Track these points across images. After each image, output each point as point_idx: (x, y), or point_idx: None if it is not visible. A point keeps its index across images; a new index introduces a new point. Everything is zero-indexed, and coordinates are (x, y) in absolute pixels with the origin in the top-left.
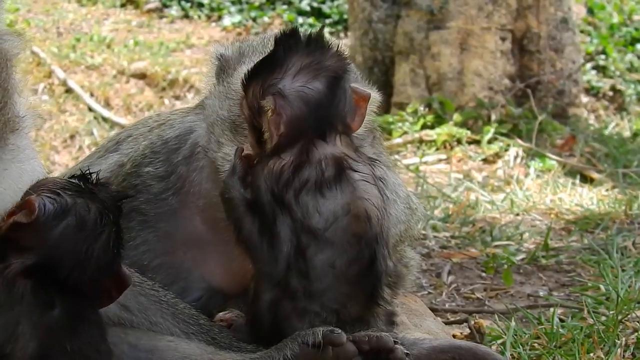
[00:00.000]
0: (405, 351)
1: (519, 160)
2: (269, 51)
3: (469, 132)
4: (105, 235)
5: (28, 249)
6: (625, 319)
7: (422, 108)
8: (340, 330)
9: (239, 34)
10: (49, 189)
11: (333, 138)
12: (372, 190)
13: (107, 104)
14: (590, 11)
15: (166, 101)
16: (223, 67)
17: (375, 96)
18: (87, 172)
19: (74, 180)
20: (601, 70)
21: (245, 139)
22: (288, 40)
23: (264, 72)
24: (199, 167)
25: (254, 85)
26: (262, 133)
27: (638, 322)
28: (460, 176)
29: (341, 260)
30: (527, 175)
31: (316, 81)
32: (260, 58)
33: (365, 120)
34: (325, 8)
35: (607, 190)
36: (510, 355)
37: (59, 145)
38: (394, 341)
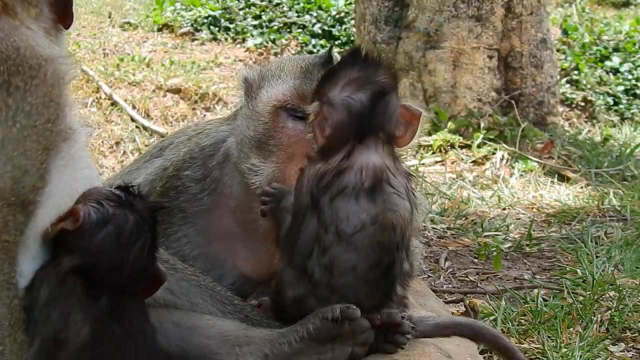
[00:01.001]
0: (412, 325)
1: (504, 162)
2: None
3: (461, 138)
4: (140, 243)
5: (76, 250)
6: (600, 298)
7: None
8: (355, 307)
9: (260, 53)
10: (94, 199)
11: (375, 145)
12: (402, 203)
13: (147, 115)
14: (565, 32)
15: (198, 112)
16: (248, 90)
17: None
18: (129, 184)
19: (117, 192)
20: (574, 83)
21: (268, 155)
22: (346, 57)
23: (320, 84)
24: (231, 172)
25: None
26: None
27: (611, 301)
28: (454, 176)
29: (363, 264)
30: (511, 175)
31: (360, 93)
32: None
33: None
34: (334, 31)
35: (581, 187)
36: (501, 329)
37: (106, 150)
38: (402, 317)
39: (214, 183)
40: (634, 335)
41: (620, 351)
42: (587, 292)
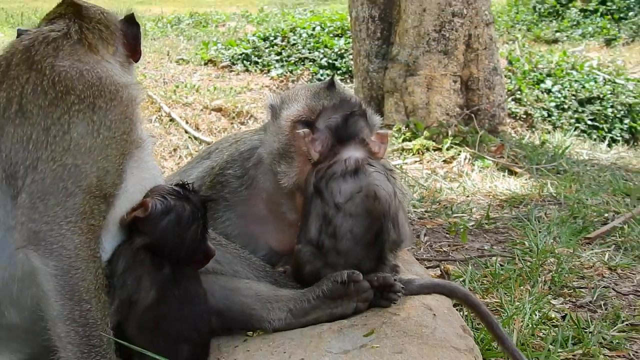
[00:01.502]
0: (402, 286)
1: (467, 160)
2: (295, 101)
3: (434, 143)
4: (194, 226)
5: (145, 232)
6: (544, 264)
7: (403, 128)
8: (358, 272)
9: (281, 81)
10: (159, 193)
11: (354, 146)
12: (383, 179)
13: (197, 128)
14: (510, 62)
15: (235, 126)
16: (272, 112)
17: (390, 133)
18: (186, 182)
19: (176, 188)
20: (518, 101)
21: (291, 161)
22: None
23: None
24: (263, 172)
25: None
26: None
27: (552, 266)
28: (429, 172)
29: (357, 228)
30: (472, 170)
31: (336, 116)
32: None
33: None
34: (337, 64)
35: (526, 179)
36: (469, 288)
37: (166, 155)
38: (394, 279)
39: (250, 179)
40: (570, 291)
41: (560, 304)
42: (533, 259)
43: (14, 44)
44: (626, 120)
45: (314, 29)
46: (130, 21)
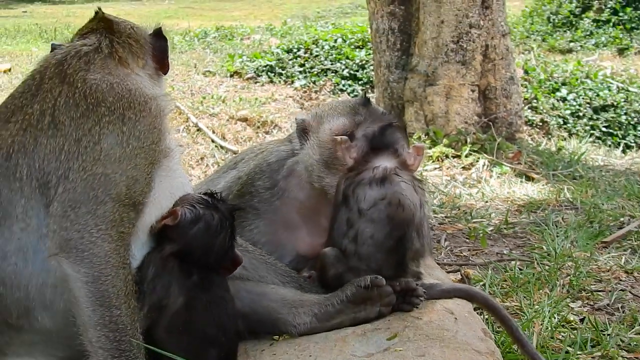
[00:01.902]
0: (424, 290)
1: (485, 167)
2: (335, 114)
3: (453, 150)
4: (223, 234)
5: (175, 240)
6: (561, 267)
7: (423, 136)
8: (381, 277)
9: (305, 92)
10: (188, 202)
11: (387, 157)
12: (409, 189)
13: (223, 138)
14: (526, 72)
15: (260, 135)
16: (305, 128)
17: (426, 146)
18: (214, 191)
19: (205, 197)
20: (534, 109)
21: (335, 172)
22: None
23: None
24: (294, 183)
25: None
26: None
27: (570, 269)
28: (449, 178)
29: (378, 234)
30: (491, 176)
31: (373, 126)
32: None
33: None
34: (358, 74)
35: (543, 185)
36: (488, 292)
37: (193, 164)
38: (416, 284)
39: (281, 191)
40: (587, 294)
41: (578, 307)
42: (552, 263)
43: (48, 58)
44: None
45: (335, 41)
46: (159, 35)
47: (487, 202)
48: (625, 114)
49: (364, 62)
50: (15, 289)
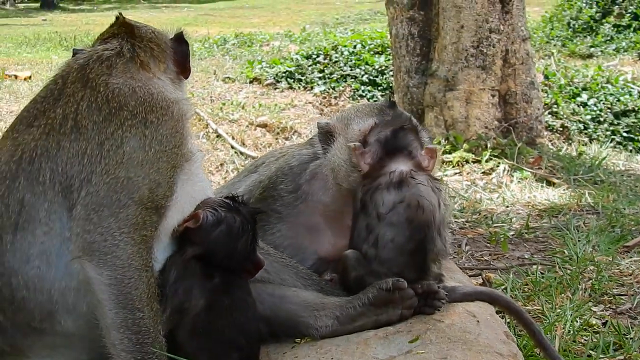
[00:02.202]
0: (445, 293)
1: (506, 172)
2: (363, 115)
3: (473, 155)
4: (245, 237)
5: (197, 243)
6: (583, 271)
7: (443, 141)
8: (403, 280)
9: (324, 97)
10: (210, 205)
11: (403, 159)
12: (427, 190)
13: (243, 144)
14: (547, 77)
15: (279, 141)
16: (330, 131)
17: (440, 148)
18: (236, 195)
19: (227, 200)
20: (554, 114)
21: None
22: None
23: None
24: (318, 186)
25: None
26: None
27: (591, 273)
28: (469, 183)
29: (399, 237)
30: (511, 181)
31: (386, 130)
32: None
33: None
34: (378, 80)
35: (564, 190)
36: (510, 296)
37: (213, 170)
38: (438, 287)
39: (304, 194)
40: (609, 298)
41: (600, 311)
42: (573, 267)
43: (70, 63)
44: None
45: (355, 46)
46: (180, 39)
47: (507, 206)
48: None
49: (383, 67)
50: (38, 292)
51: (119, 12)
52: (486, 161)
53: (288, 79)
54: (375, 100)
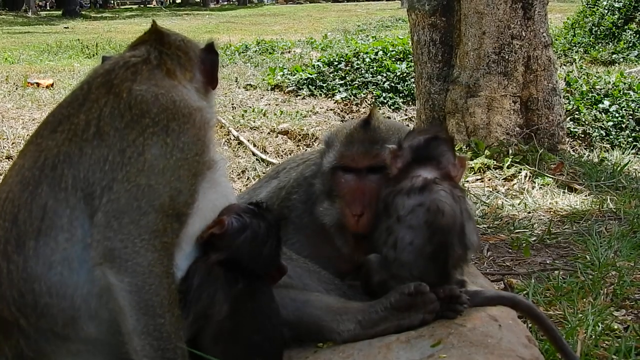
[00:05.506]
0: (467, 297)
1: (527, 178)
2: (336, 141)
3: (495, 162)
4: (269, 243)
5: (221, 249)
6: (605, 277)
7: (464, 147)
8: (425, 284)
9: (346, 104)
10: (235, 211)
11: (430, 168)
12: (448, 197)
13: (264, 151)
14: (568, 84)
15: (301, 148)
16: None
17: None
18: (260, 201)
19: (251, 206)
20: (576, 121)
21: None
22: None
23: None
24: None
25: None
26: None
27: (613, 278)
28: (491, 189)
29: (418, 240)
30: (533, 187)
31: (419, 138)
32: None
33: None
34: (399, 87)
35: (585, 196)
36: (532, 301)
37: (234, 177)
38: (460, 291)
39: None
40: (632, 303)
41: (622, 316)
42: (595, 272)
43: (97, 69)
44: None
45: (376, 53)
46: (210, 50)
47: (529, 212)
48: None
49: (404, 74)
50: (61, 298)
51: (152, 20)
52: (508, 167)
53: (309, 86)
54: (397, 108)
